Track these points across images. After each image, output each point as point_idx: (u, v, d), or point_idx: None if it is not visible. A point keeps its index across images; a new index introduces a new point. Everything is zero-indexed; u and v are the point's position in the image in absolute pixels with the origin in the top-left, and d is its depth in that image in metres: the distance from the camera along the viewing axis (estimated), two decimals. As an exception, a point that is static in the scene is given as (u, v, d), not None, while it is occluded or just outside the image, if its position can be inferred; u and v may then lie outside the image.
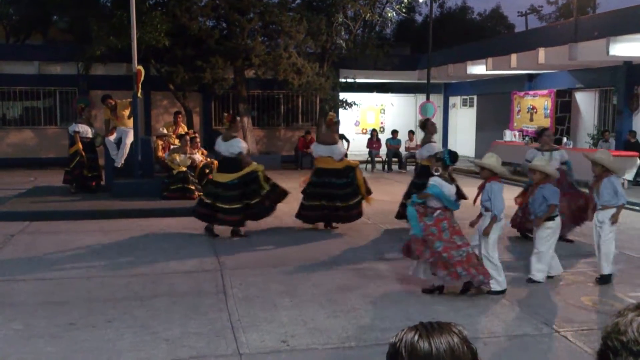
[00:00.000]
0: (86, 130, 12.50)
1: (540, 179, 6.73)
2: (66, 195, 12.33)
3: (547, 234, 6.73)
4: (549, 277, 6.87)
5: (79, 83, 21.29)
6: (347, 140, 18.76)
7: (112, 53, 17.34)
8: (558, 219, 6.79)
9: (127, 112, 12.61)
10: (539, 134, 9.18)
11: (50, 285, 6.69)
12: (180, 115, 15.15)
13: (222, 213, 8.91)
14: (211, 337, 5.16)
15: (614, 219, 6.76)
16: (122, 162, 12.75)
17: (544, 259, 6.75)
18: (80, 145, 12.41)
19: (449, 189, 6.31)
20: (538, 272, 6.76)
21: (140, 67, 12.30)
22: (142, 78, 12.24)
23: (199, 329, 5.35)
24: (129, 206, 11.19)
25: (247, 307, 5.96)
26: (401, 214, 9.30)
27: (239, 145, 9.02)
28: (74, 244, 8.72)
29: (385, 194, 12.36)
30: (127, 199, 11.66)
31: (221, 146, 9.07)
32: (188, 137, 12.68)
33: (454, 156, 6.46)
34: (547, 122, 18.93)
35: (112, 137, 12.77)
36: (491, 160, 6.50)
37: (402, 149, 20.31)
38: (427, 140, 9.77)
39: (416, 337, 1.32)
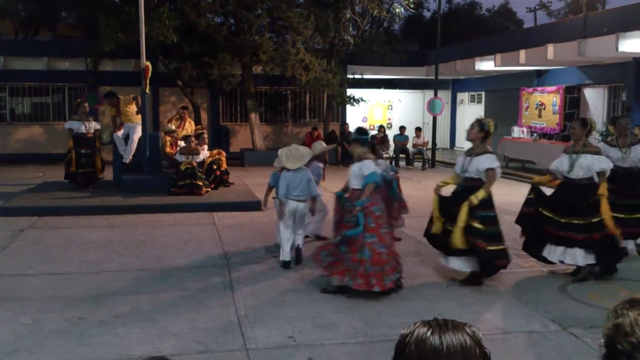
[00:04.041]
0: (78, 127, 12.52)
1: None
2: (74, 190, 12.38)
3: None
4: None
5: (88, 79, 21.34)
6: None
7: (121, 49, 17.35)
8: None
9: (131, 108, 12.61)
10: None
11: (58, 280, 6.73)
12: (186, 111, 15.13)
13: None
14: (218, 332, 5.18)
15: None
16: (130, 157, 12.80)
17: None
18: (70, 143, 12.52)
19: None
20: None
21: (148, 63, 12.33)
22: (150, 74, 12.27)
23: (206, 324, 5.37)
24: (137, 202, 11.25)
25: (254, 303, 5.98)
26: None
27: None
28: (82, 239, 8.76)
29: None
30: (135, 194, 11.71)
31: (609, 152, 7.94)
32: (192, 138, 12.71)
33: None
34: (555, 119, 18.86)
35: (120, 133, 12.81)
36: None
37: (409, 145, 20.26)
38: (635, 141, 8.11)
39: (428, 332, 1.30)
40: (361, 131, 6.64)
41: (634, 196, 7.75)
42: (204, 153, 12.83)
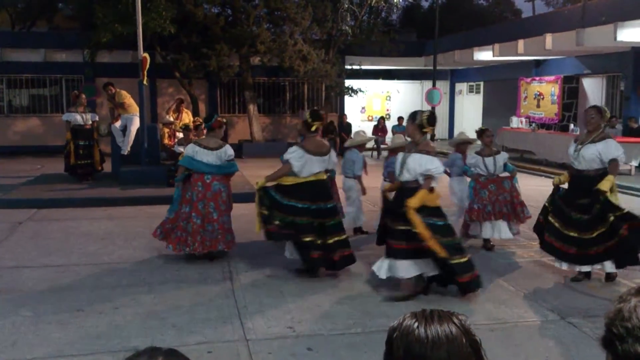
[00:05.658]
0: (75, 119, 12.48)
1: None
2: (73, 182, 12.38)
3: None
4: None
5: (85, 71, 21.30)
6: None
7: (118, 40, 17.31)
8: None
9: (129, 99, 12.59)
10: (479, 134, 8.10)
11: (57, 272, 6.73)
12: (183, 105, 15.06)
13: None
14: (218, 323, 5.19)
15: None
16: (129, 149, 12.78)
17: None
18: (68, 135, 12.49)
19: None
20: None
21: (146, 55, 12.28)
22: (148, 65, 12.23)
23: (206, 315, 5.38)
24: (136, 193, 11.24)
25: (254, 294, 5.99)
26: None
27: None
28: (81, 231, 8.76)
29: (391, 181, 12.37)
30: (133, 186, 11.70)
31: None
32: (192, 127, 12.66)
33: None
34: (554, 109, 18.85)
35: (118, 125, 12.78)
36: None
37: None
38: None
39: (414, 325, 1.31)
40: (205, 118, 7.62)
41: (578, 210, 6.17)
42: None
